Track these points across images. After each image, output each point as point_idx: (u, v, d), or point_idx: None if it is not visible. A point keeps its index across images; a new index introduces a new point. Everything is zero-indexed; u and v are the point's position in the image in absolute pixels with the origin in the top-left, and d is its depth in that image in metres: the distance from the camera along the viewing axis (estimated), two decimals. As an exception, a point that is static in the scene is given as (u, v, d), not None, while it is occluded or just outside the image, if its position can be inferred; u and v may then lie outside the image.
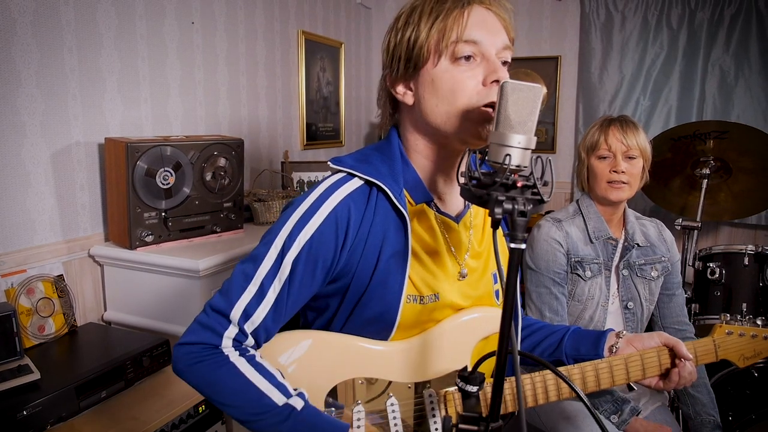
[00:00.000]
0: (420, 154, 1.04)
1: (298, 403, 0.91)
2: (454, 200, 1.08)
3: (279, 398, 0.90)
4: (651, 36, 3.21)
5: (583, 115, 3.42)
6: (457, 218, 1.07)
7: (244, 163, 2.07)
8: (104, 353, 1.55)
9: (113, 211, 1.81)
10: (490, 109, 0.92)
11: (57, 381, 1.36)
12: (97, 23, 1.83)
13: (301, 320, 1.15)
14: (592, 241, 1.69)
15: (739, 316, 1.22)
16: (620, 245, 1.73)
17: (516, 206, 0.71)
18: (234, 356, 0.94)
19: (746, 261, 2.18)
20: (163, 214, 1.82)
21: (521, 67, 3.46)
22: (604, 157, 1.66)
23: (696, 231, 2.32)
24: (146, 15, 2.02)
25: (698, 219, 2.34)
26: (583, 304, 1.68)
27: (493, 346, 1.12)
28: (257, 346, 0.98)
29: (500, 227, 1.17)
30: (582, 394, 0.84)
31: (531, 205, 0.72)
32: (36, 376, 1.36)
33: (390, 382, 1.02)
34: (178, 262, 1.71)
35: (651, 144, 1.68)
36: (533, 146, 0.78)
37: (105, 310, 1.90)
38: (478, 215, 1.12)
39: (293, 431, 0.89)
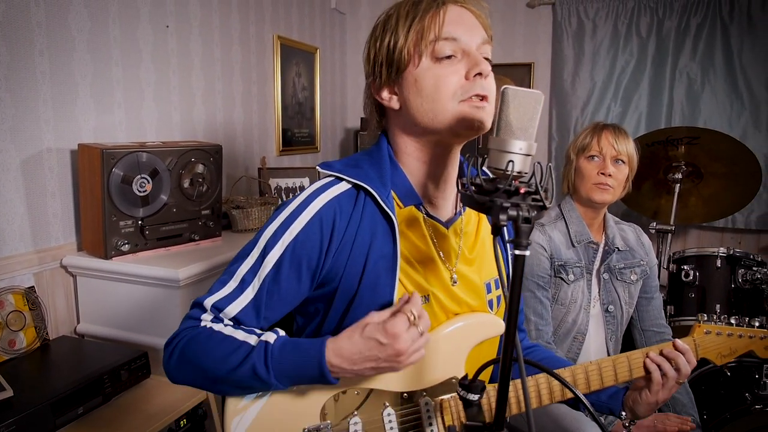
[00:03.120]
0: (411, 156, 1.03)
1: (270, 337, 0.91)
2: (445, 205, 1.07)
3: (254, 340, 0.91)
4: (621, 44, 3.28)
5: (556, 121, 3.48)
6: (447, 224, 1.07)
7: (222, 169, 2.03)
8: (80, 367, 1.49)
9: (87, 219, 1.75)
10: (477, 100, 0.93)
11: (31, 398, 1.30)
12: (69, 26, 1.77)
13: (294, 326, 1.14)
14: (574, 245, 1.71)
15: (714, 316, 1.26)
16: (601, 249, 1.75)
17: (520, 213, 0.71)
18: (208, 324, 0.95)
19: (718, 263, 2.24)
20: (140, 222, 1.76)
21: (495, 73, 3.49)
22: (594, 158, 1.69)
23: (670, 234, 2.37)
24: (120, 18, 1.96)
25: (672, 223, 2.40)
26: (566, 307, 1.69)
27: (486, 352, 1.12)
28: None
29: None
30: (582, 397, 0.84)
31: (535, 212, 0.72)
32: (8, 393, 1.29)
33: (385, 392, 1.01)
34: (156, 271, 1.66)
35: (638, 154, 1.72)
36: (534, 152, 0.78)
37: (78, 323, 1.83)
38: (470, 222, 1.11)
39: (275, 365, 0.88)
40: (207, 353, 0.91)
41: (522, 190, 0.74)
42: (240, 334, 0.93)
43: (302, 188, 2.91)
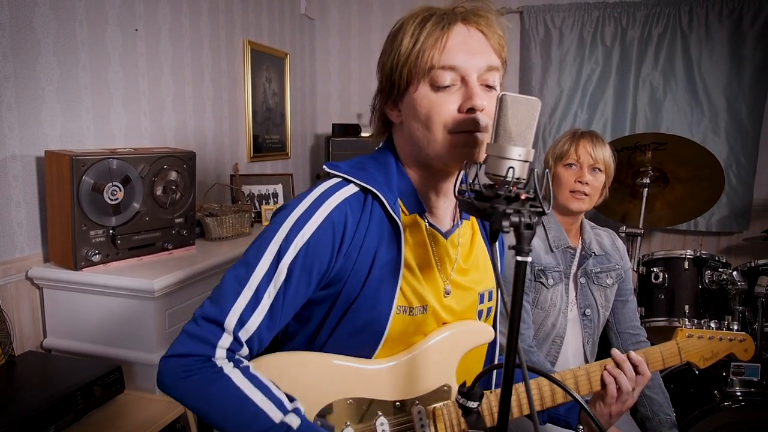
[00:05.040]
0: (410, 168, 1.04)
1: (294, 421, 0.87)
2: (444, 216, 1.07)
3: (275, 414, 0.87)
4: (587, 52, 3.36)
5: (525, 127, 3.53)
6: (446, 234, 1.07)
7: (196, 176, 1.99)
8: (50, 384, 1.42)
9: (54, 229, 1.68)
10: (469, 134, 0.92)
11: (0, 418, 1.24)
12: (35, 27, 1.70)
13: (279, 334, 1.11)
14: (552, 250, 1.73)
15: (696, 320, 1.29)
16: (578, 254, 1.78)
17: (522, 219, 0.71)
18: (228, 368, 0.89)
19: (686, 265, 2.30)
20: (111, 231, 1.70)
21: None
22: (571, 165, 1.71)
23: (639, 238, 2.43)
24: (87, 20, 1.90)
25: (640, 226, 2.46)
26: (545, 311, 1.71)
27: (473, 359, 1.12)
28: (250, 355, 0.95)
29: (482, 240, 1.18)
30: (581, 400, 0.85)
31: (536, 218, 0.72)
32: (-25, 414, 1.23)
33: (378, 401, 0.99)
34: (130, 282, 1.61)
35: (615, 161, 1.75)
36: (532, 158, 0.79)
37: (45, 337, 1.75)
38: (466, 233, 1.12)
39: None
40: (224, 409, 0.87)
41: (522, 197, 0.74)
42: (258, 397, 0.87)
43: (275, 195, 2.87)
